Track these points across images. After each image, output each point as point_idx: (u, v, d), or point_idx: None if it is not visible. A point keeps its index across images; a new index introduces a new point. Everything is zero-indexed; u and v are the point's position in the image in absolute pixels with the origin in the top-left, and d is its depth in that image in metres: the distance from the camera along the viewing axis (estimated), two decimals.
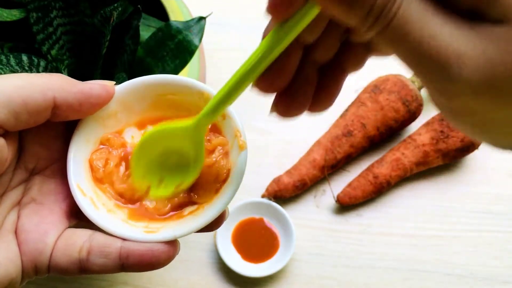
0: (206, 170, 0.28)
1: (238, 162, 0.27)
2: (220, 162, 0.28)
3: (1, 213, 0.26)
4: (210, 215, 0.26)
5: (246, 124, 0.58)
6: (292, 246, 0.49)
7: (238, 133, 0.27)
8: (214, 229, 0.28)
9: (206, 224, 0.26)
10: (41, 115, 0.25)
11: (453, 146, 0.51)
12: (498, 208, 0.53)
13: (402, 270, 0.50)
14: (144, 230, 0.27)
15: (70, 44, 0.37)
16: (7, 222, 0.26)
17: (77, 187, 0.27)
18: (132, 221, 0.28)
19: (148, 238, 0.26)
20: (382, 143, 0.55)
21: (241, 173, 0.27)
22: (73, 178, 0.27)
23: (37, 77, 0.25)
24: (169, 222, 0.28)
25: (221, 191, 0.27)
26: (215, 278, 0.51)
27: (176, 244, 0.26)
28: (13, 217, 0.26)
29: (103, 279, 0.50)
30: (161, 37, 0.37)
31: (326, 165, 0.52)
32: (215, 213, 0.26)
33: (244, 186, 0.54)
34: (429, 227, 0.52)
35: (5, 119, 0.24)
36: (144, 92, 0.29)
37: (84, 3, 0.36)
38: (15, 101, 0.24)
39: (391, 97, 0.52)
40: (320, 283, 0.50)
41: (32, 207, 0.27)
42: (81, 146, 0.28)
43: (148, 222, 0.28)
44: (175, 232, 0.26)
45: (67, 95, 0.25)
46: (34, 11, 0.34)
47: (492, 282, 0.50)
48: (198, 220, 0.26)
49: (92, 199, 0.27)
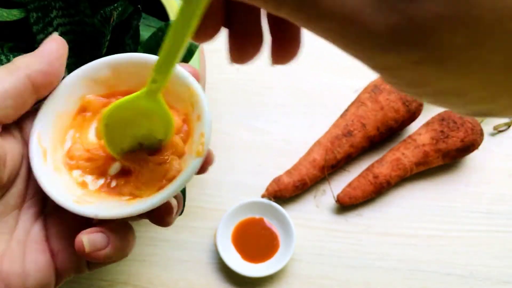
0: (155, 166, 0.28)
1: (189, 167, 0.27)
2: (172, 162, 0.28)
3: (24, 225, 0.27)
4: (139, 208, 0.26)
5: (246, 124, 0.58)
6: (292, 246, 0.49)
7: (202, 138, 0.27)
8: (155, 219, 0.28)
9: (130, 215, 0.26)
10: (24, 95, 0.26)
11: (453, 146, 0.51)
12: (498, 208, 0.53)
13: (402, 270, 0.50)
14: (74, 200, 0.27)
15: (70, 44, 0.37)
16: (33, 232, 0.27)
17: (37, 134, 0.27)
18: (73, 186, 0.28)
19: (71, 207, 0.26)
20: (382, 143, 0.55)
21: (186, 179, 0.26)
22: (36, 125, 0.27)
23: (2, 68, 0.26)
24: (104, 200, 0.28)
25: (163, 189, 0.27)
26: (215, 278, 0.51)
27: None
28: (38, 227, 0.27)
29: (102, 279, 0.50)
30: (161, 37, 0.37)
31: (326, 165, 0.52)
32: (144, 207, 0.26)
33: (244, 186, 0.55)
34: (429, 227, 0.52)
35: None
36: (141, 68, 0.28)
37: (84, 3, 0.36)
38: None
39: (391, 97, 0.52)
40: (320, 283, 0.50)
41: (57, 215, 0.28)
42: (59, 99, 0.28)
43: (87, 192, 0.28)
44: (98, 211, 0.26)
45: (33, 65, 0.26)
46: (34, 11, 0.34)
47: (492, 282, 0.50)
48: (126, 208, 0.26)
49: (46, 151, 0.28)
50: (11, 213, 0.27)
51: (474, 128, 0.51)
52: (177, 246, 0.52)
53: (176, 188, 0.26)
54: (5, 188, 0.26)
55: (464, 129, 0.51)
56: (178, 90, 0.28)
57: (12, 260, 0.25)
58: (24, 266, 0.26)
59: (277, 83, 0.59)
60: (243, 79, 0.60)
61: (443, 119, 0.52)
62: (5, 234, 0.26)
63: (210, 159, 0.28)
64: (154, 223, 0.28)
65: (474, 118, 0.52)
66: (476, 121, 0.52)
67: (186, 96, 0.28)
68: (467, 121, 0.51)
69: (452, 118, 0.52)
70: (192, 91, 0.28)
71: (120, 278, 0.50)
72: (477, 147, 0.52)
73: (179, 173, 0.27)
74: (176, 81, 0.28)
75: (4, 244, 0.26)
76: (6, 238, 0.26)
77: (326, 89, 0.59)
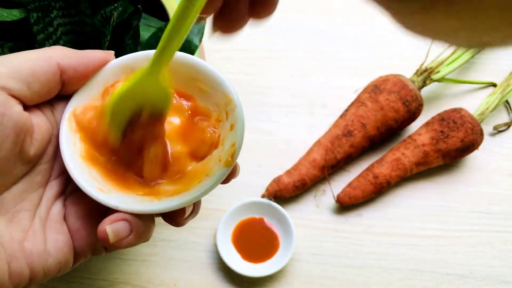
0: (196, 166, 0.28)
1: (215, 175, 0.27)
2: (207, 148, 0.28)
3: (45, 204, 0.27)
4: (160, 207, 0.26)
5: (247, 124, 0.58)
6: (292, 246, 0.49)
7: (233, 148, 0.27)
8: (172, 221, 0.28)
9: (150, 213, 0.26)
10: (51, 84, 0.26)
11: (453, 146, 0.51)
12: (498, 208, 0.53)
13: (402, 270, 0.50)
14: (98, 186, 0.27)
15: (70, 44, 0.37)
16: (53, 212, 0.27)
17: (68, 117, 0.27)
18: (97, 172, 0.28)
19: (94, 194, 0.26)
20: (382, 143, 0.55)
21: (211, 186, 0.26)
22: (69, 107, 0.28)
23: (40, 51, 0.27)
24: (127, 193, 0.27)
25: (187, 192, 0.27)
26: (215, 278, 0.51)
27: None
28: (58, 207, 0.27)
29: (103, 279, 0.50)
30: (161, 37, 0.37)
31: (326, 165, 0.52)
32: (164, 207, 0.26)
33: (244, 186, 0.55)
34: (429, 227, 0.52)
35: (19, 89, 0.25)
36: (179, 66, 0.29)
37: (84, 3, 0.36)
38: (24, 71, 0.25)
39: (391, 97, 0.52)
40: (320, 283, 0.50)
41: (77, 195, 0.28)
42: (95, 85, 0.28)
43: (113, 182, 0.28)
44: (120, 203, 0.26)
45: (70, 60, 0.27)
46: (34, 11, 0.34)
47: (492, 282, 0.50)
48: (147, 205, 0.26)
49: (75, 136, 0.28)
50: (36, 191, 0.27)
51: (474, 128, 0.51)
52: (177, 246, 0.52)
53: (199, 194, 0.26)
54: (31, 164, 0.27)
55: (464, 129, 0.51)
56: (215, 95, 0.28)
57: (35, 238, 0.26)
58: (46, 245, 0.26)
59: (278, 83, 0.59)
60: (243, 79, 0.60)
61: (443, 119, 0.52)
62: (30, 211, 0.26)
63: (235, 171, 0.28)
64: (167, 221, 0.28)
65: (474, 119, 0.52)
66: (476, 121, 0.52)
67: (222, 103, 0.28)
68: (467, 121, 0.51)
69: (452, 118, 0.52)
70: (230, 99, 0.28)
71: (120, 278, 0.50)
72: (477, 147, 0.52)
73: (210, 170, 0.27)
74: (213, 85, 0.28)
75: (28, 222, 0.26)
76: (30, 215, 0.26)
77: (326, 89, 0.59)
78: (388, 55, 0.61)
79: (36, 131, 0.26)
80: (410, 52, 0.58)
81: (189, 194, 0.27)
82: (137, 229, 0.26)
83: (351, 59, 0.61)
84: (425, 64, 0.55)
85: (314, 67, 0.61)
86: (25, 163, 0.26)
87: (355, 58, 0.61)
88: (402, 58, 0.60)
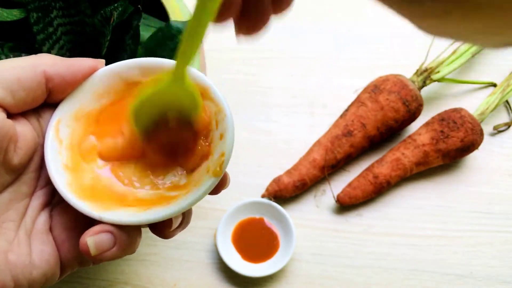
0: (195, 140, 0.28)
1: (202, 185, 0.26)
2: (202, 146, 0.28)
3: (31, 214, 0.27)
4: (144, 218, 0.26)
5: (247, 124, 0.58)
6: (292, 246, 0.49)
7: (222, 157, 0.26)
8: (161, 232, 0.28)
9: (134, 224, 0.26)
10: (36, 92, 0.26)
11: (453, 146, 0.51)
12: (498, 208, 0.53)
13: (402, 270, 0.50)
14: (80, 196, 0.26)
15: (70, 44, 0.37)
16: (38, 222, 0.27)
17: (55, 125, 0.27)
18: (81, 181, 0.27)
19: (76, 204, 0.26)
20: (382, 143, 0.55)
21: (198, 197, 0.26)
22: (56, 115, 0.27)
23: (26, 58, 0.26)
24: (113, 203, 0.27)
25: (172, 203, 0.26)
26: (215, 278, 0.51)
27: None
28: (43, 218, 0.27)
29: (103, 279, 0.50)
30: (161, 37, 0.37)
31: (326, 165, 0.52)
32: (149, 218, 0.26)
33: (244, 186, 0.55)
34: (429, 227, 0.52)
35: (2, 97, 0.24)
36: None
37: (84, 3, 0.36)
38: (9, 78, 0.24)
39: (391, 97, 0.52)
40: (320, 283, 0.50)
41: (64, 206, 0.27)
42: (84, 93, 0.28)
43: (95, 188, 0.27)
44: (103, 214, 0.26)
45: (58, 68, 0.26)
46: (34, 11, 0.34)
47: (492, 282, 0.50)
48: (130, 217, 0.26)
49: (62, 143, 0.27)
50: (22, 201, 0.26)
51: (474, 128, 0.51)
52: (177, 246, 0.52)
53: (186, 205, 0.26)
54: (16, 173, 0.26)
55: (464, 129, 0.51)
56: (205, 103, 0.28)
57: (20, 249, 0.25)
58: (31, 257, 0.25)
59: (278, 83, 0.60)
60: (243, 80, 0.60)
61: (443, 119, 0.52)
62: (15, 222, 0.26)
63: (225, 182, 0.28)
64: (154, 233, 0.28)
65: (474, 119, 0.52)
66: (476, 121, 0.52)
67: (212, 112, 0.28)
68: (467, 121, 0.51)
69: (452, 118, 0.52)
70: (220, 108, 0.27)
71: (120, 278, 0.50)
72: (477, 147, 0.52)
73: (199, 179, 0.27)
74: (204, 94, 0.28)
75: (13, 233, 0.26)
76: (15, 226, 0.26)
77: (326, 89, 0.59)
78: (388, 55, 0.61)
79: (21, 140, 0.25)
80: (410, 52, 0.58)
81: (175, 205, 0.26)
82: (121, 241, 0.25)
83: (351, 59, 0.61)
84: (425, 64, 0.55)
85: (314, 67, 0.61)
86: (9, 172, 0.25)
87: (355, 58, 0.61)
88: (402, 58, 0.60)
